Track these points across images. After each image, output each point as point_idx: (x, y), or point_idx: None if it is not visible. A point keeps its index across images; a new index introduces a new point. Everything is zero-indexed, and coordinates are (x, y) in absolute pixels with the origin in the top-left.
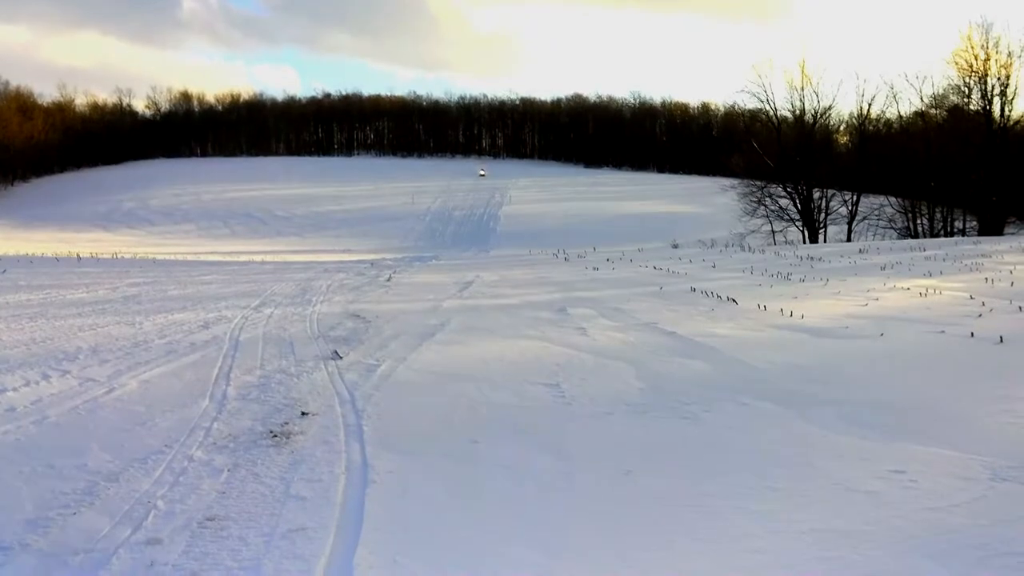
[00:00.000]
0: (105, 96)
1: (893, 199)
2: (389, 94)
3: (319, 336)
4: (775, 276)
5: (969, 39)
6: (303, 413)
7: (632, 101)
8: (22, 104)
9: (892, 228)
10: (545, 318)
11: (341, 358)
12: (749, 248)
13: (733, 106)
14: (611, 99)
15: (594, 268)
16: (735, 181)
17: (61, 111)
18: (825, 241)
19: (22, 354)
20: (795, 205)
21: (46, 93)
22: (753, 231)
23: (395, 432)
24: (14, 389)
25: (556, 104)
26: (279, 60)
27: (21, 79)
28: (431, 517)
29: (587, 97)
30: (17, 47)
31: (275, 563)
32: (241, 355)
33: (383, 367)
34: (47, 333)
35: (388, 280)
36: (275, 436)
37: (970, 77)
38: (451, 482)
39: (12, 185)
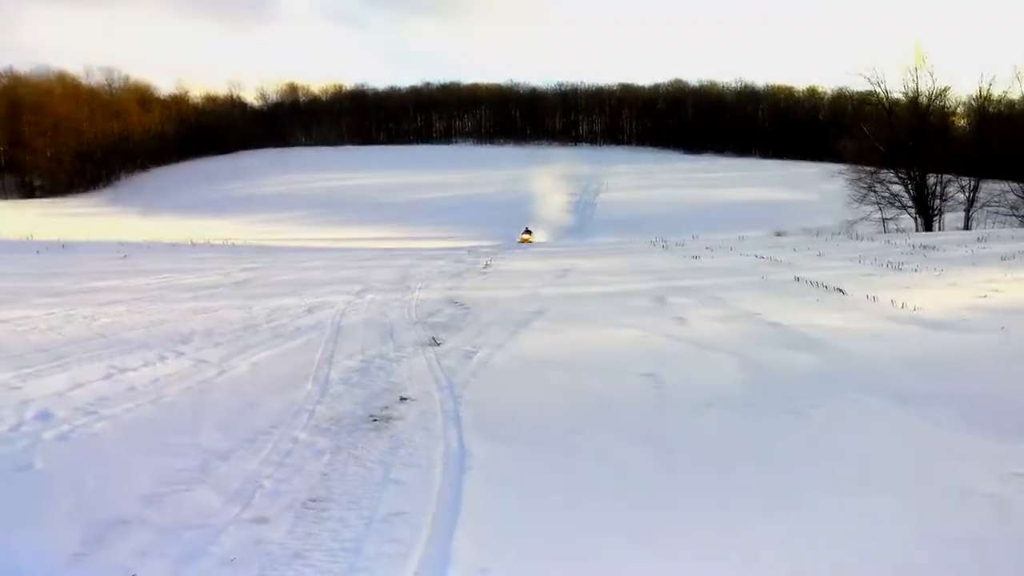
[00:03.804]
0: (217, 88)
1: (1016, 185)
2: (487, 82)
3: (418, 322)
4: (886, 265)
5: None
6: (402, 398)
7: (734, 85)
8: (141, 97)
9: (1015, 216)
10: (643, 307)
11: (439, 344)
12: (858, 236)
13: (841, 90)
14: (712, 84)
15: (694, 256)
16: (843, 167)
17: (177, 103)
18: (941, 229)
19: (142, 336)
20: (908, 191)
21: (161, 86)
22: (862, 219)
23: (492, 419)
24: (134, 369)
25: (655, 90)
26: (374, 50)
27: (136, 71)
28: (528, 505)
29: (687, 82)
30: (129, 39)
31: (375, 546)
32: (343, 340)
33: (480, 354)
34: (164, 316)
35: (486, 267)
36: (375, 420)
37: None
38: (547, 471)
39: (132, 175)
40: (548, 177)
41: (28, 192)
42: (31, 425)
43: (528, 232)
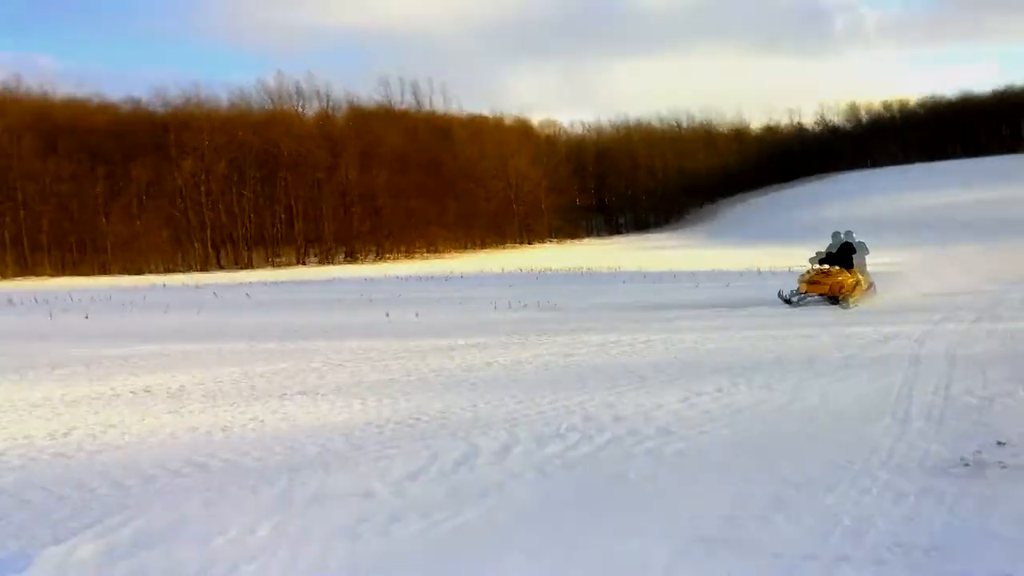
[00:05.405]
0: (776, 117)
1: None
2: None
3: (1013, 356)
4: None
5: None
6: (999, 443)
7: None
8: (706, 134)
9: None
10: None
11: None
12: None
13: None
14: None
15: None
16: None
17: (738, 135)
18: None
19: (712, 362)
20: None
21: (723, 122)
22: None
23: None
24: (708, 394)
25: None
26: (947, 58)
27: (700, 110)
28: None
29: None
30: (698, 82)
31: None
32: (922, 373)
33: None
34: (736, 344)
35: None
36: (967, 464)
37: None
38: None
39: (700, 208)
40: None
41: (614, 229)
42: (623, 440)
43: (823, 262)
